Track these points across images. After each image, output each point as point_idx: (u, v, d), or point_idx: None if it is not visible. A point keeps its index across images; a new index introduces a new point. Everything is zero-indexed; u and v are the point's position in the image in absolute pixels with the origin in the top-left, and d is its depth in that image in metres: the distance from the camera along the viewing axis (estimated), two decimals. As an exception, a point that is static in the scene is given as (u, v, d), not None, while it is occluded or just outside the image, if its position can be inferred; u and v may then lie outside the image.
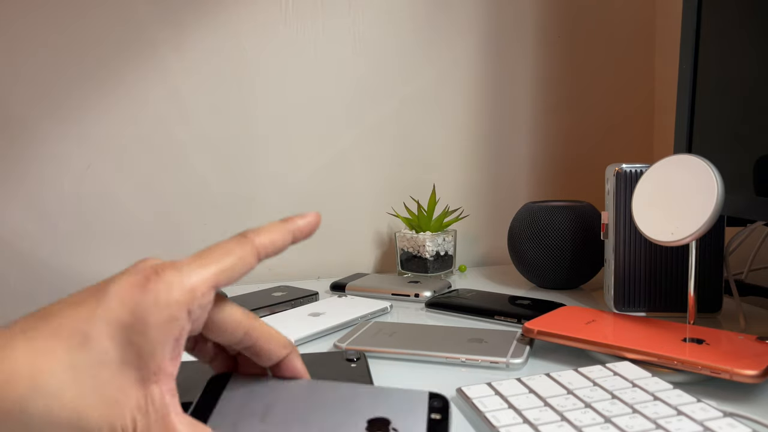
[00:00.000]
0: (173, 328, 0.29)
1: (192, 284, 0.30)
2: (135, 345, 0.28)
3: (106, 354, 0.28)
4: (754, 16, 0.54)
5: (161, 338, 0.29)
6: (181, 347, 0.30)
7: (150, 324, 0.28)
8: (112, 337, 0.28)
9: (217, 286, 0.31)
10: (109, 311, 0.28)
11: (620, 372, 0.42)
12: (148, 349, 0.28)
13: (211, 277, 0.31)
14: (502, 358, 0.48)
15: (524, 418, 0.36)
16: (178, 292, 0.29)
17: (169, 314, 0.29)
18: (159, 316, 0.28)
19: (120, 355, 0.28)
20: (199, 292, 0.30)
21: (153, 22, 0.84)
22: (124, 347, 0.28)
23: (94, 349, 0.28)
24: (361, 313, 0.63)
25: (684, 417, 0.34)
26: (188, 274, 0.30)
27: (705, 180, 0.49)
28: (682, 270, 0.61)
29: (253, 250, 0.33)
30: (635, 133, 1.02)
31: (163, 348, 0.29)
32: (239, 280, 0.33)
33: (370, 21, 0.91)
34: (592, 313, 0.56)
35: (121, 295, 0.29)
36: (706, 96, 0.61)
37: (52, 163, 0.83)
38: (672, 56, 0.97)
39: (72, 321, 0.28)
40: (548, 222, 0.74)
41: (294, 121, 0.90)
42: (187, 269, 0.30)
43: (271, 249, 0.34)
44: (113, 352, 0.28)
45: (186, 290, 0.29)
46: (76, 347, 0.27)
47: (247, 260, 0.33)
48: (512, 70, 0.96)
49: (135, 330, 0.28)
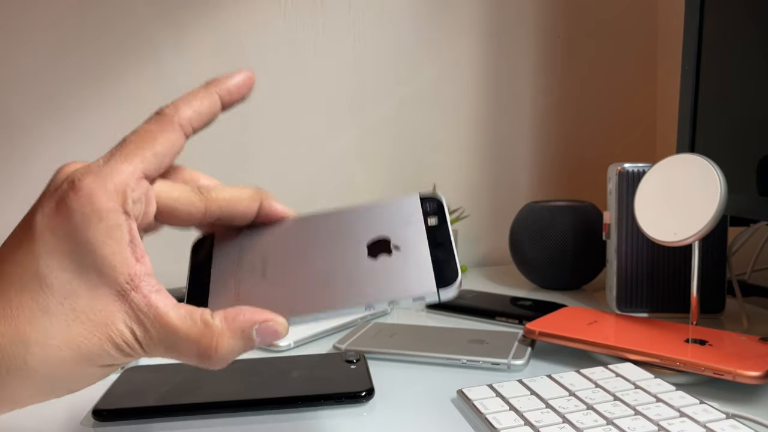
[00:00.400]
0: (118, 235, 0.27)
1: (116, 184, 0.28)
2: (92, 266, 0.27)
3: (70, 284, 0.27)
4: (757, 15, 0.54)
5: (112, 249, 0.27)
6: (140, 244, 0.28)
7: (93, 243, 0.27)
8: (65, 268, 0.27)
9: (148, 175, 0.29)
10: (46, 245, 0.27)
11: (622, 373, 0.41)
12: (107, 265, 0.27)
13: (136, 170, 0.29)
14: (504, 359, 0.48)
15: (526, 420, 0.35)
16: (104, 199, 0.27)
17: (106, 225, 0.27)
18: (97, 230, 0.27)
19: (85, 281, 0.27)
20: (128, 188, 0.28)
21: (153, 22, 0.84)
22: (83, 272, 0.27)
23: (55, 286, 0.27)
24: (361, 313, 0.63)
25: (687, 419, 0.34)
26: (109, 175, 0.28)
27: (708, 180, 0.48)
28: (685, 270, 0.61)
29: (176, 126, 0.30)
30: (637, 133, 1.01)
31: (121, 256, 0.27)
32: (170, 164, 0.31)
33: (370, 21, 0.91)
34: (594, 314, 0.55)
35: (49, 225, 0.27)
36: (709, 95, 0.60)
37: (51, 163, 0.82)
38: (674, 55, 0.96)
39: (17, 267, 0.27)
40: (550, 222, 0.74)
41: (294, 121, 0.90)
42: (106, 169, 0.28)
43: (197, 121, 0.31)
44: (76, 281, 0.27)
45: (112, 193, 0.27)
46: (38, 291, 0.27)
47: (172, 140, 0.30)
48: (513, 69, 0.96)
49: (81, 253, 0.27)
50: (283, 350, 0.54)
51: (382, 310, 0.30)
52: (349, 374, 0.45)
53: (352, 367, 0.47)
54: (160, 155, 0.30)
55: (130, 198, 0.28)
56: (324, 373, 0.46)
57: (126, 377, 0.46)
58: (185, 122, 0.31)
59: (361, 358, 0.48)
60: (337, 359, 0.48)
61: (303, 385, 0.43)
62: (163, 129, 0.30)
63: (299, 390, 0.42)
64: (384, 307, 0.31)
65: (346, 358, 0.48)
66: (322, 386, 0.43)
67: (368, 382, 0.44)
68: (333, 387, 0.43)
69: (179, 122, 0.31)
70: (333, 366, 0.47)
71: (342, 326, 0.60)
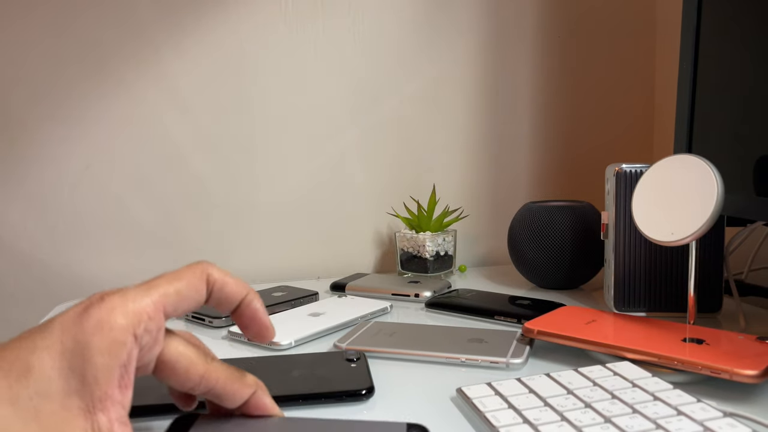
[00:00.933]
0: (118, 353, 0.28)
1: (137, 307, 0.29)
2: (78, 371, 0.27)
3: (48, 383, 0.27)
4: (755, 15, 0.54)
5: (105, 363, 0.27)
6: (131, 375, 0.28)
7: (92, 348, 0.27)
8: (53, 366, 0.27)
9: (166, 311, 0.30)
10: (51, 339, 0.27)
11: (620, 372, 0.42)
12: (92, 375, 0.27)
13: (157, 299, 0.30)
14: (502, 358, 0.48)
15: (524, 418, 0.36)
16: (121, 315, 0.28)
17: (113, 338, 0.28)
18: (102, 339, 0.27)
19: (63, 385, 0.27)
20: (145, 315, 0.29)
21: (153, 23, 0.84)
22: (67, 375, 0.27)
23: (35, 379, 0.27)
24: (361, 313, 0.63)
25: (684, 417, 0.34)
26: (133, 298, 0.29)
27: (705, 180, 0.49)
28: (682, 270, 0.61)
29: (202, 275, 0.32)
30: (635, 133, 1.02)
31: (108, 374, 0.27)
32: (190, 308, 0.32)
33: (370, 21, 0.91)
34: (592, 313, 0.56)
35: (63, 323, 0.28)
36: (707, 96, 0.60)
37: (51, 163, 0.83)
38: (672, 56, 0.97)
39: (14, 353, 0.27)
40: (548, 222, 0.74)
41: (294, 121, 0.90)
42: (132, 293, 0.29)
43: (220, 284, 0.33)
44: (56, 382, 0.27)
45: (130, 313, 0.28)
46: (16, 379, 0.27)
47: (194, 285, 0.32)
48: (512, 70, 0.96)
49: (77, 355, 0.27)
50: (283, 349, 0.55)
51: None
52: (349, 373, 0.46)
53: (353, 365, 0.47)
54: (182, 295, 0.31)
55: (143, 324, 0.29)
56: (324, 371, 0.46)
57: None
58: (210, 276, 0.33)
59: (361, 356, 0.49)
60: (337, 358, 0.49)
61: (303, 383, 0.44)
62: (192, 274, 0.32)
63: (300, 388, 0.43)
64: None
65: (346, 356, 0.49)
66: (322, 384, 0.43)
67: (368, 380, 0.44)
68: (333, 385, 0.43)
69: (207, 272, 0.32)
70: (333, 364, 0.47)
71: (342, 325, 0.60)
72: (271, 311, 0.66)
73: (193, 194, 0.88)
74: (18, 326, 0.82)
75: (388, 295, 0.73)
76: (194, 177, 0.87)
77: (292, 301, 0.69)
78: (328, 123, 0.91)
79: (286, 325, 0.59)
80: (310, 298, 0.72)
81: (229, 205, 0.89)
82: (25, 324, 0.82)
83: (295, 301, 0.69)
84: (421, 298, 0.71)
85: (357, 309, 0.65)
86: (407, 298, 0.72)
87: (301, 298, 0.70)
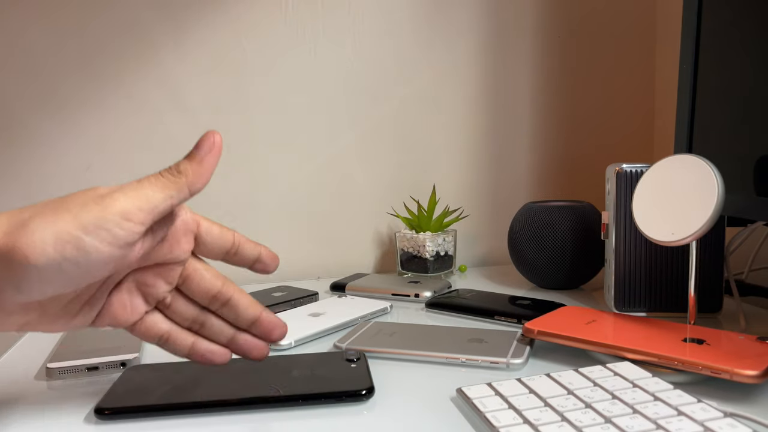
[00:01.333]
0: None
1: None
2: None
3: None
4: (755, 16, 0.54)
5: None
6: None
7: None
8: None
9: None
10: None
11: (620, 372, 0.42)
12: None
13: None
14: (503, 358, 0.48)
15: (524, 419, 0.36)
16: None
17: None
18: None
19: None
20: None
21: (153, 23, 0.84)
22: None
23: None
24: (361, 313, 0.63)
25: (684, 417, 0.34)
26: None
27: (705, 180, 0.49)
28: (683, 270, 0.61)
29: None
30: (636, 133, 1.02)
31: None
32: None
33: (370, 21, 0.91)
34: (592, 313, 0.56)
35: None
36: (707, 96, 0.60)
37: (52, 163, 0.83)
38: (672, 56, 0.97)
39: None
40: (548, 222, 0.74)
41: (294, 121, 0.90)
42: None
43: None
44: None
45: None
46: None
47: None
48: (512, 69, 0.96)
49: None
50: (284, 349, 0.55)
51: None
52: (349, 373, 0.45)
53: (353, 365, 0.47)
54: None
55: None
56: (324, 371, 0.46)
57: (128, 376, 0.46)
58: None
59: (361, 357, 0.49)
60: (337, 358, 0.49)
61: (303, 383, 0.44)
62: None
63: (300, 389, 0.43)
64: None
65: (346, 357, 0.49)
66: (322, 385, 0.43)
67: (368, 380, 0.44)
68: (333, 386, 0.43)
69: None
70: (333, 365, 0.47)
71: (342, 325, 0.60)
72: (271, 311, 0.66)
73: (193, 194, 0.87)
74: (18, 326, 0.82)
75: (388, 295, 0.73)
76: (194, 177, 0.87)
77: (292, 301, 0.69)
78: (328, 123, 0.91)
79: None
80: (310, 298, 0.72)
81: (229, 205, 0.89)
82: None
83: (295, 301, 0.69)
84: (421, 298, 0.71)
85: (357, 309, 0.65)
86: (407, 298, 0.72)
87: (301, 298, 0.70)
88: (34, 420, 0.41)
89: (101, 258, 0.33)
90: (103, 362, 0.50)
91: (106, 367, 0.50)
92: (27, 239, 0.31)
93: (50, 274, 0.32)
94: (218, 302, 0.42)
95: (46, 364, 0.50)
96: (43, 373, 0.51)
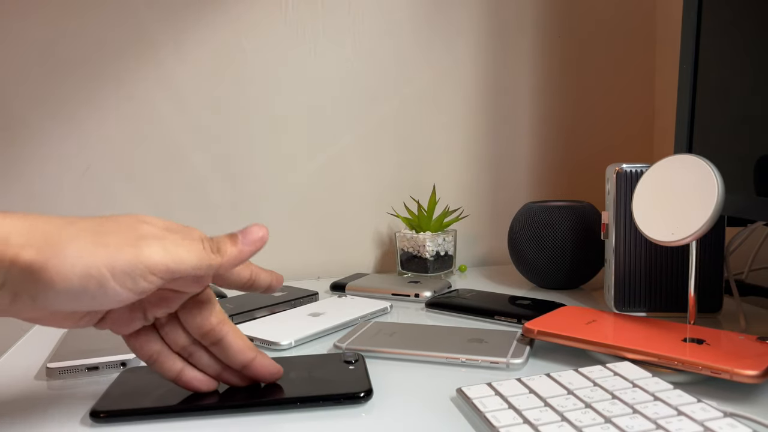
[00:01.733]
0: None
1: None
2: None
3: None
4: (754, 16, 0.54)
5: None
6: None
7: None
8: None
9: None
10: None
11: (620, 372, 0.42)
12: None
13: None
14: (503, 358, 0.48)
15: (524, 419, 0.36)
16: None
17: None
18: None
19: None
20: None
21: (153, 23, 0.84)
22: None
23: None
24: (361, 313, 0.63)
25: (684, 417, 0.34)
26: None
27: (705, 180, 0.49)
28: (683, 270, 0.61)
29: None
30: (636, 133, 1.02)
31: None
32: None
33: (370, 21, 0.91)
34: (592, 313, 0.56)
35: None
36: (707, 96, 0.60)
37: (52, 163, 0.83)
38: (672, 56, 0.97)
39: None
40: (548, 222, 0.74)
41: (294, 121, 0.90)
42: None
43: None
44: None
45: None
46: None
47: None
48: (512, 69, 0.96)
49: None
50: (283, 349, 0.55)
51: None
52: (347, 375, 0.45)
53: (351, 367, 0.47)
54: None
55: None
56: (322, 374, 0.46)
57: (124, 379, 0.46)
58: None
59: (359, 358, 0.49)
60: (335, 360, 0.49)
61: (301, 386, 0.43)
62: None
63: (297, 391, 0.42)
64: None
65: (344, 358, 0.49)
66: (320, 387, 0.43)
67: (366, 382, 0.44)
68: (331, 388, 0.43)
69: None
70: (331, 367, 0.47)
71: (342, 325, 0.60)
72: (270, 311, 0.66)
73: (194, 194, 0.88)
74: (17, 326, 0.82)
75: (388, 295, 0.73)
76: (194, 177, 0.87)
77: (292, 301, 0.69)
78: (328, 123, 0.91)
79: (286, 325, 0.59)
80: (310, 298, 0.72)
81: (229, 204, 0.89)
82: (24, 323, 0.82)
83: (295, 301, 0.69)
84: (421, 298, 0.71)
85: (357, 309, 0.65)
86: (407, 298, 0.72)
87: (301, 298, 0.70)
88: (33, 420, 0.41)
89: (117, 299, 0.34)
90: (103, 362, 0.50)
91: (106, 367, 0.50)
92: (59, 264, 0.32)
93: (66, 298, 0.33)
94: (209, 340, 0.41)
95: (46, 364, 0.50)
96: (43, 373, 0.51)
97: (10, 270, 0.32)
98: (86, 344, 0.55)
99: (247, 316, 0.64)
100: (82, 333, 0.59)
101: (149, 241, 0.35)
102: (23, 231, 0.32)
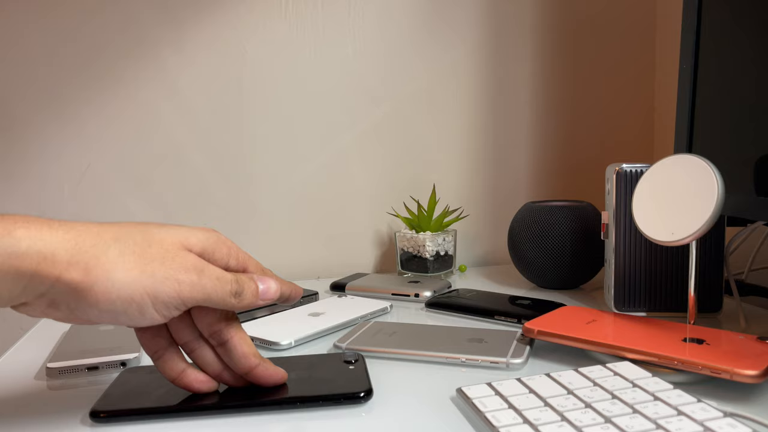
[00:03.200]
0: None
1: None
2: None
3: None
4: (755, 15, 0.54)
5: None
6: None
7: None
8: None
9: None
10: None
11: (620, 372, 0.42)
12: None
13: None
14: (502, 358, 0.48)
15: (524, 418, 0.36)
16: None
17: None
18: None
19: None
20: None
21: (154, 24, 0.84)
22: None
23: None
24: (361, 313, 0.63)
25: (684, 417, 0.34)
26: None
27: (705, 180, 0.49)
28: (683, 270, 0.61)
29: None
30: (635, 133, 1.02)
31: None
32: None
33: (370, 21, 0.91)
34: (592, 313, 0.56)
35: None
36: (707, 96, 0.60)
37: (52, 162, 0.83)
38: (672, 56, 0.97)
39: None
40: (548, 222, 0.74)
41: (294, 121, 0.90)
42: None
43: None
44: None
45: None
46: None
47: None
48: (512, 69, 0.96)
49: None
50: (283, 348, 0.55)
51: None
52: (347, 375, 0.45)
53: (351, 367, 0.47)
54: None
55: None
56: (322, 374, 0.46)
57: (123, 379, 0.46)
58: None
59: (359, 358, 0.49)
60: (335, 360, 0.49)
61: (301, 386, 0.43)
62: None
63: (297, 391, 0.42)
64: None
65: (344, 358, 0.49)
66: (320, 387, 0.43)
67: (366, 382, 0.44)
68: (331, 388, 0.43)
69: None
70: (331, 367, 0.47)
71: (342, 325, 0.60)
72: (270, 311, 0.66)
73: (193, 194, 0.88)
74: (17, 326, 0.82)
75: (388, 295, 0.73)
76: (194, 177, 0.87)
77: (292, 301, 0.69)
78: (328, 122, 0.91)
79: (286, 325, 0.59)
80: (310, 298, 0.72)
81: (229, 204, 0.89)
82: (24, 323, 0.82)
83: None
84: (421, 298, 0.71)
85: (357, 309, 0.65)
86: (407, 298, 0.72)
87: (301, 297, 0.70)
88: (33, 420, 0.41)
89: (151, 321, 0.37)
90: (103, 362, 0.50)
91: (106, 366, 0.50)
92: (105, 290, 0.34)
93: (107, 316, 0.35)
94: (216, 339, 0.42)
95: (46, 363, 0.50)
96: (43, 373, 0.51)
97: (54, 285, 0.33)
98: (86, 344, 0.55)
99: (247, 315, 0.64)
100: (82, 333, 0.59)
101: (190, 275, 0.37)
102: (69, 247, 0.34)
